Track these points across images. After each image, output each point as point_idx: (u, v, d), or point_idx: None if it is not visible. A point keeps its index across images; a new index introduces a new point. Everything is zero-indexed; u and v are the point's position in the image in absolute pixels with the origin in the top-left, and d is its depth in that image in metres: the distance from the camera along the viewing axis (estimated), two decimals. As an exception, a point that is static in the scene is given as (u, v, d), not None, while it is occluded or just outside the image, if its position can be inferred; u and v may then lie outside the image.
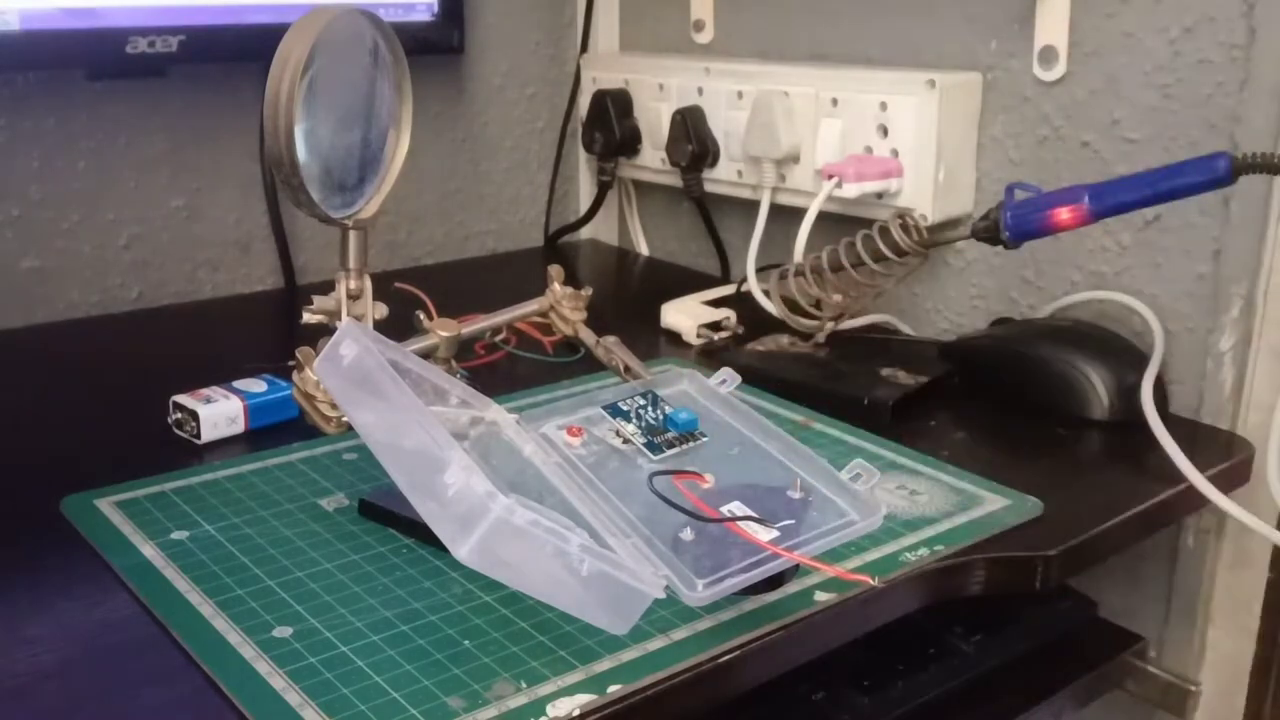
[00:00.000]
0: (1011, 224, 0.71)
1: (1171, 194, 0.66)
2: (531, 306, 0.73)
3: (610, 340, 0.71)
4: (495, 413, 0.56)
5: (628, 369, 0.69)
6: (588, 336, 0.72)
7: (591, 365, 0.75)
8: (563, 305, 0.72)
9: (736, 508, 0.49)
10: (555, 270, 0.73)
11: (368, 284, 0.63)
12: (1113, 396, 0.72)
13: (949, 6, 0.88)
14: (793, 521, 0.49)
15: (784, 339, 0.85)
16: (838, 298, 0.82)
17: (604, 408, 0.57)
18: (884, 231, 0.78)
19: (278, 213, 1.01)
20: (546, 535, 0.42)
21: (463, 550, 0.41)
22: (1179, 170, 0.65)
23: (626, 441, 0.55)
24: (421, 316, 0.68)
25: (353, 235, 0.62)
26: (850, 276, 0.80)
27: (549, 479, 0.52)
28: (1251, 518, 0.65)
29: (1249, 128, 0.72)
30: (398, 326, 0.66)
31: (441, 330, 0.66)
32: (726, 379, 0.60)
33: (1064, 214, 0.69)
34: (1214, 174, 0.64)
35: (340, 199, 0.62)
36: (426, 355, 0.67)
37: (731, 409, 0.58)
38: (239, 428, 0.69)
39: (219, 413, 0.68)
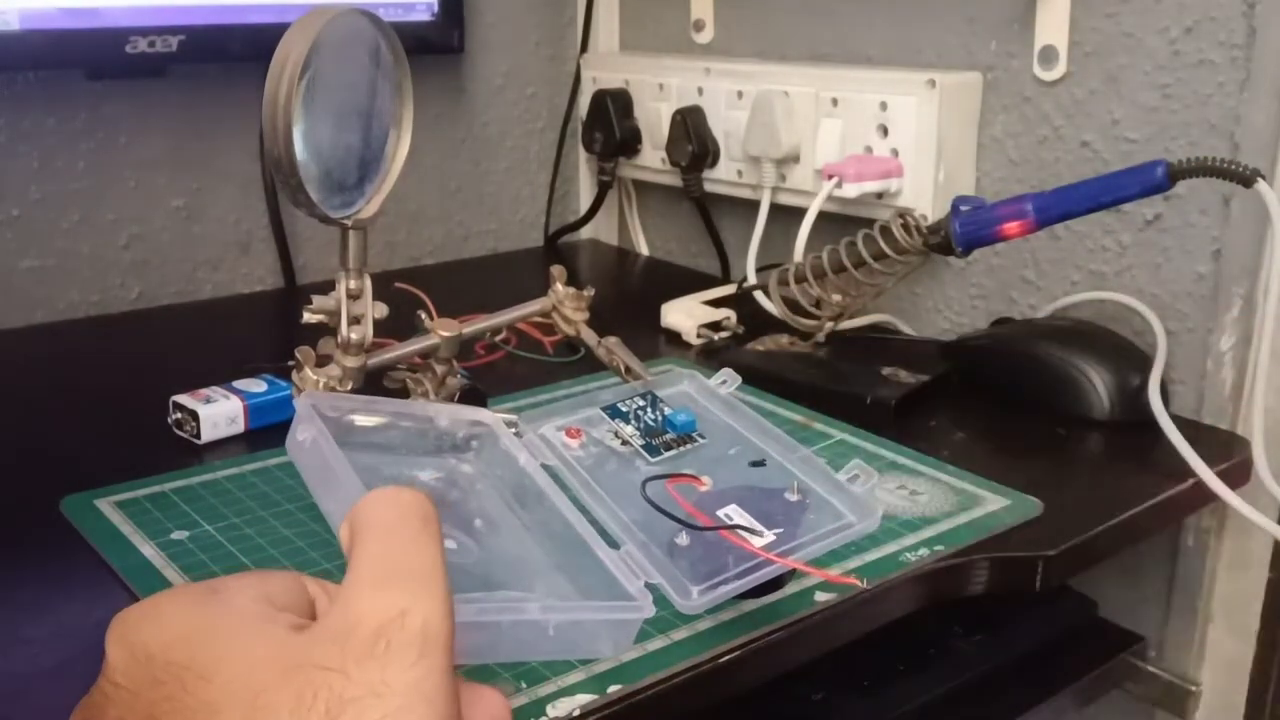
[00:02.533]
0: (960, 235, 0.74)
1: (1114, 203, 0.70)
2: (534, 307, 0.73)
3: (611, 341, 0.71)
4: (492, 423, 0.57)
5: (628, 370, 0.69)
6: (589, 337, 0.72)
7: (593, 365, 0.75)
8: (565, 306, 0.72)
9: (734, 510, 0.49)
10: (558, 271, 0.73)
11: (368, 284, 0.63)
12: (1114, 396, 0.72)
13: (949, 7, 0.88)
14: (789, 524, 0.49)
15: (784, 338, 0.85)
16: (837, 297, 0.82)
17: (603, 409, 0.57)
18: (885, 230, 0.78)
19: (277, 212, 1.01)
20: (501, 615, 0.42)
21: None
22: (1120, 182, 0.69)
23: (625, 443, 0.55)
24: (423, 316, 0.68)
25: (352, 235, 0.62)
26: (851, 276, 0.80)
27: (544, 489, 0.52)
28: (1257, 514, 0.65)
29: (1249, 127, 0.72)
30: (398, 326, 0.66)
31: (443, 330, 0.66)
32: (727, 379, 0.60)
33: (1012, 226, 0.73)
34: (1153, 181, 0.67)
35: (340, 199, 0.62)
36: (427, 355, 0.67)
37: (731, 410, 0.58)
38: (239, 428, 0.69)
39: (219, 413, 0.68)
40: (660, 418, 0.57)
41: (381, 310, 0.64)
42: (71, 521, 0.58)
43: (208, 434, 0.68)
